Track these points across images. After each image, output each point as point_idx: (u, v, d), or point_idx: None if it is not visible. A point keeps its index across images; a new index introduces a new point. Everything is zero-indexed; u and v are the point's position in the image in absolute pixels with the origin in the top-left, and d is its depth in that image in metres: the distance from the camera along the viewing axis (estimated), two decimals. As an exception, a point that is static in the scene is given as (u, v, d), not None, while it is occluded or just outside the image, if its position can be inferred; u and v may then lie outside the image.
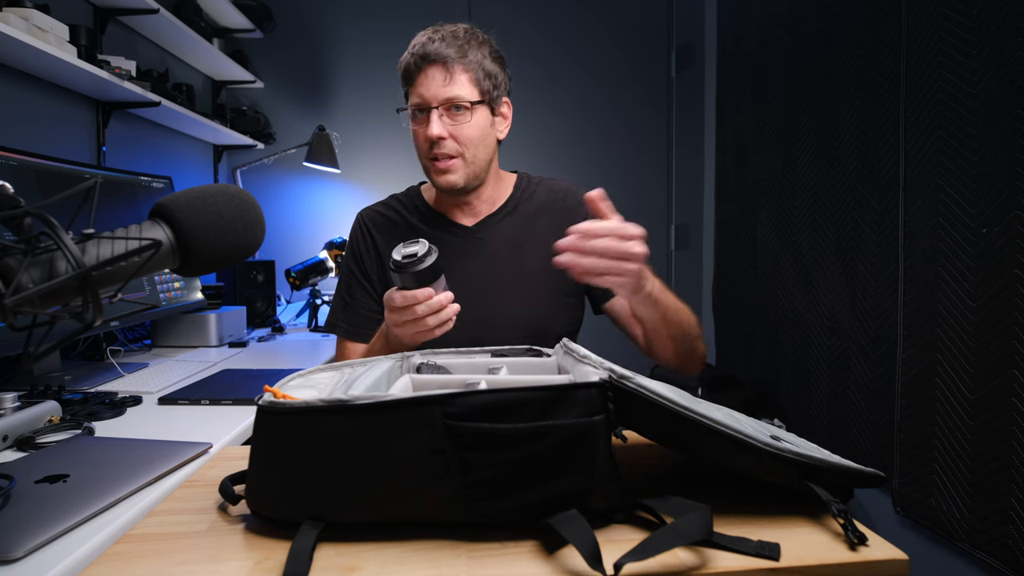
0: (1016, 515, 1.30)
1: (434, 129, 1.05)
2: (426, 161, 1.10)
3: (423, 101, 1.06)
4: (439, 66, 1.05)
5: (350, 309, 1.19)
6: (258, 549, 0.55)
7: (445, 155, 1.07)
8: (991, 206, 1.36)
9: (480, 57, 1.08)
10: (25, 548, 0.66)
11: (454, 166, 1.08)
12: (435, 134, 1.05)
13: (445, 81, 1.05)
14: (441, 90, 1.05)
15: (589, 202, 0.82)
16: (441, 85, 1.05)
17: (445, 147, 1.07)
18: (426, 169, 1.12)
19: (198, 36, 2.31)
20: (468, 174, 1.10)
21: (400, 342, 0.93)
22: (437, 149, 1.07)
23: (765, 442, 0.57)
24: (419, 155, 1.12)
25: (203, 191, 0.56)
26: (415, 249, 0.86)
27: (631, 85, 3.18)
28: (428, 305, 0.86)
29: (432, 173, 1.11)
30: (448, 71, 1.05)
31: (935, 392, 1.51)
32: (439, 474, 0.54)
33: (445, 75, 1.05)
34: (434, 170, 1.10)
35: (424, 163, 1.11)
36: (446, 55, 1.05)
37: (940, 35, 1.50)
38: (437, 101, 1.05)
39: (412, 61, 1.07)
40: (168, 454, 0.92)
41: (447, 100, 1.05)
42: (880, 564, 0.51)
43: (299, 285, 2.40)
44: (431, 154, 1.08)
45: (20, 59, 1.55)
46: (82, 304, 0.47)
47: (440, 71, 1.05)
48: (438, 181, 1.10)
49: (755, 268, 2.39)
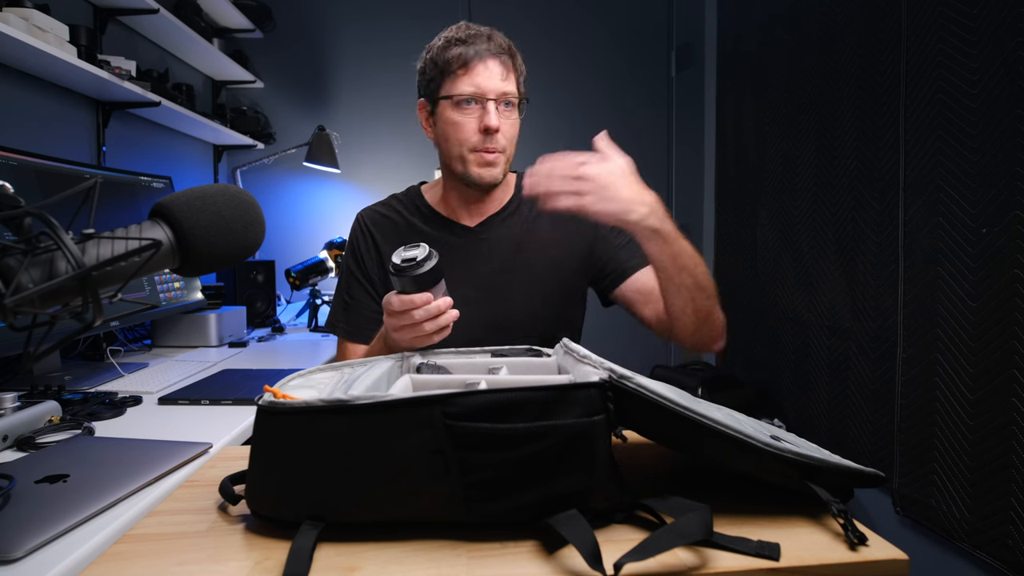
0: (1016, 515, 1.30)
1: (493, 120, 1.05)
2: (469, 153, 1.08)
3: (480, 91, 1.06)
4: (498, 60, 1.07)
5: (350, 309, 1.19)
6: (258, 549, 0.55)
7: (496, 148, 1.08)
8: (991, 206, 1.36)
9: (520, 61, 1.12)
10: (25, 548, 0.66)
11: (499, 160, 1.09)
12: (495, 125, 1.05)
13: (504, 75, 1.07)
14: (500, 84, 1.07)
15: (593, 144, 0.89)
16: (500, 79, 1.07)
17: (497, 140, 1.07)
18: (464, 161, 1.09)
19: (198, 36, 2.31)
20: (505, 170, 1.12)
21: (399, 346, 0.92)
22: (489, 141, 1.07)
23: (765, 442, 0.57)
24: (458, 146, 1.09)
25: (203, 191, 0.56)
26: (415, 253, 0.85)
27: (631, 85, 3.18)
28: (426, 311, 0.86)
29: (475, 165, 1.09)
30: (506, 67, 1.08)
31: (935, 392, 1.51)
32: (439, 474, 0.54)
33: (504, 70, 1.07)
34: (479, 162, 1.08)
35: (464, 154, 1.08)
36: (503, 52, 1.08)
37: (940, 35, 1.50)
38: (495, 93, 1.06)
39: (471, 51, 1.06)
40: (168, 454, 0.92)
41: (504, 94, 1.07)
42: (880, 564, 0.51)
43: (299, 285, 2.40)
44: (481, 145, 1.07)
45: (20, 59, 1.55)
46: (82, 304, 0.47)
47: (499, 65, 1.07)
48: (481, 173, 1.09)
49: (755, 268, 2.39)
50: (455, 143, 1.09)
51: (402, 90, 3.00)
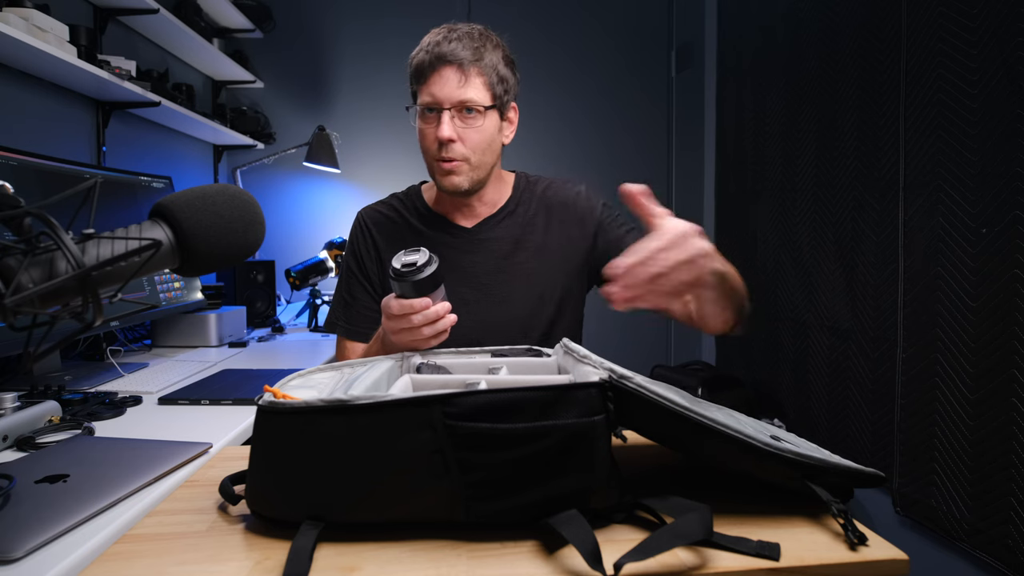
0: (1016, 515, 1.30)
1: (444, 131, 1.04)
2: (432, 161, 1.10)
3: (435, 101, 1.05)
4: (454, 67, 1.04)
5: (350, 308, 1.19)
6: (258, 549, 0.55)
7: (452, 158, 1.07)
8: (991, 206, 1.36)
9: (495, 61, 1.08)
10: (25, 548, 0.66)
11: (460, 168, 1.08)
12: (445, 136, 1.04)
13: (459, 83, 1.04)
14: (455, 92, 1.04)
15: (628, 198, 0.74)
16: (455, 87, 1.04)
17: (453, 150, 1.06)
18: (431, 169, 1.11)
19: (198, 36, 2.31)
20: (473, 178, 1.10)
21: (396, 347, 0.93)
22: (445, 151, 1.06)
23: (765, 442, 0.57)
24: (425, 154, 1.11)
25: (203, 191, 0.56)
26: (415, 258, 0.85)
27: (631, 85, 3.17)
28: (424, 315, 0.86)
29: (437, 174, 1.10)
30: (463, 73, 1.04)
31: (935, 392, 1.51)
32: (439, 474, 0.54)
33: (460, 77, 1.04)
34: (439, 171, 1.09)
35: (429, 163, 1.11)
36: (462, 57, 1.04)
37: (940, 35, 1.50)
38: (450, 103, 1.04)
39: (426, 59, 1.05)
40: (168, 454, 0.92)
41: (460, 103, 1.05)
42: (880, 564, 0.51)
43: (299, 285, 2.40)
44: (438, 155, 1.07)
45: (20, 59, 1.55)
46: (82, 304, 0.47)
47: (455, 72, 1.04)
48: (443, 182, 1.10)
49: (755, 268, 2.39)
50: (423, 151, 1.11)
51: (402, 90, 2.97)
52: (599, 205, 1.20)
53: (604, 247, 1.16)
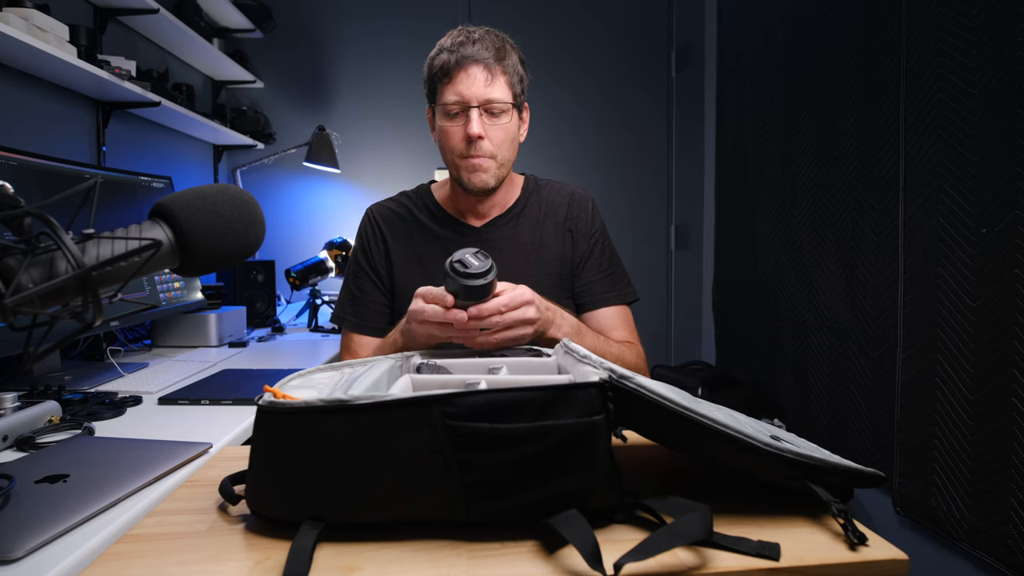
0: (1016, 515, 1.30)
1: (475, 128, 1.06)
2: (458, 160, 1.11)
3: (463, 99, 1.07)
4: (481, 66, 1.07)
5: (358, 302, 1.20)
6: (258, 549, 0.55)
7: (481, 155, 1.08)
8: (991, 206, 1.36)
9: (514, 60, 1.11)
10: (25, 548, 0.66)
11: (488, 166, 1.10)
12: (476, 133, 1.06)
13: (487, 82, 1.07)
14: (482, 90, 1.07)
15: None
16: (483, 85, 1.07)
17: (481, 147, 1.08)
18: (455, 168, 1.12)
19: (198, 36, 2.31)
20: (498, 175, 1.12)
21: (414, 338, 0.92)
22: (474, 149, 1.08)
23: (765, 442, 0.57)
24: (448, 153, 1.12)
25: (203, 191, 0.56)
26: (479, 264, 0.84)
27: (631, 85, 3.18)
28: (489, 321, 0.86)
29: (464, 172, 1.11)
30: (490, 72, 1.07)
31: (935, 392, 1.51)
32: (439, 474, 0.54)
33: (487, 76, 1.07)
34: (467, 168, 1.10)
35: (454, 161, 1.11)
36: (487, 57, 1.07)
37: (940, 35, 1.50)
38: (478, 100, 1.07)
39: (452, 59, 1.07)
40: (168, 454, 0.92)
41: (487, 101, 1.07)
42: (880, 564, 0.51)
43: (299, 285, 2.40)
44: (467, 152, 1.09)
45: (20, 59, 1.56)
46: (82, 304, 0.47)
47: (482, 71, 1.07)
48: (471, 180, 1.11)
49: (755, 268, 2.39)
50: (447, 150, 1.12)
51: (402, 90, 3.01)
52: (598, 221, 1.24)
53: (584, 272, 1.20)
